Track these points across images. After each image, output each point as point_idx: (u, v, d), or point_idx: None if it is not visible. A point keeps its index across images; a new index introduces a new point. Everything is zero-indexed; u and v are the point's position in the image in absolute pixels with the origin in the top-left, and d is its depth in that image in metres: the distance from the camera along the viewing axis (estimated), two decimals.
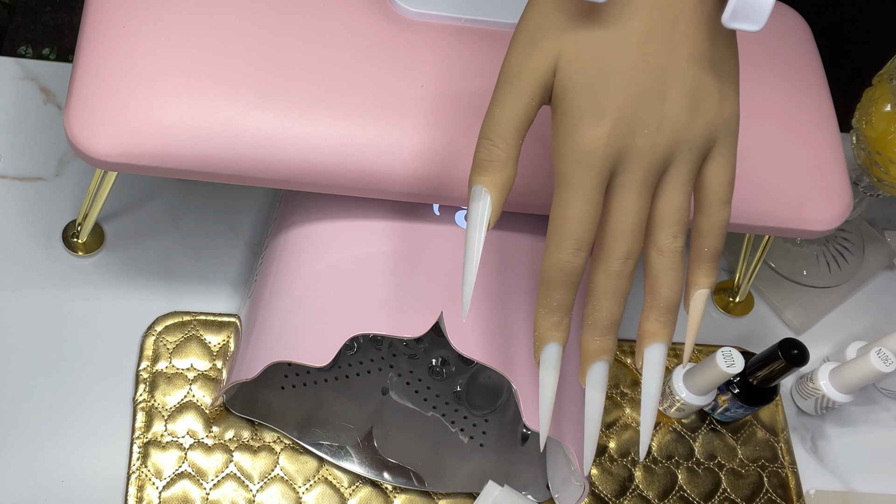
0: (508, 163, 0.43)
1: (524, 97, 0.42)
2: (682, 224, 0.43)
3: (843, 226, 0.76)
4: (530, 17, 0.44)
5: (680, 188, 0.43)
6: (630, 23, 0.42)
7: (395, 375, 0.65)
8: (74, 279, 0.65)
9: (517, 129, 0.43)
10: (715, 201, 0.44)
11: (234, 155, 0.52)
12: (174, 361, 0.63)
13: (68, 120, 0.51)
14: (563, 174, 0.42)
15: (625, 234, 0.42)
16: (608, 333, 0.44)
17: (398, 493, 0.62)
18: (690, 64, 0.42)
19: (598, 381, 0.45)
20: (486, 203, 0.42)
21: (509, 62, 0.43)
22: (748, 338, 0.74)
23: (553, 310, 0.43)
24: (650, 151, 0.42)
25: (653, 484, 0.66)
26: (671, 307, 0.44)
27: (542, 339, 0.44)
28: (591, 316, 0.44)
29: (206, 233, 0.69)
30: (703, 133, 0.43)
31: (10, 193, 0.67)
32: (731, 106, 0.43)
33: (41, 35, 1.58)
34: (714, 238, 0.44)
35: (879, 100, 0.66)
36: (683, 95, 0.42)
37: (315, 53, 0.54)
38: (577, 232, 0.41)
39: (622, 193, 0.42)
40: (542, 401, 0.45)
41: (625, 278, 0.43)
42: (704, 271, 0.45)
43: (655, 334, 0.44)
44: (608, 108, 0.41)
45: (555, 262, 0.42)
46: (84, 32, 0.53)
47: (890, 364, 0.65)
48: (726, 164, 0.44)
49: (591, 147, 0.41)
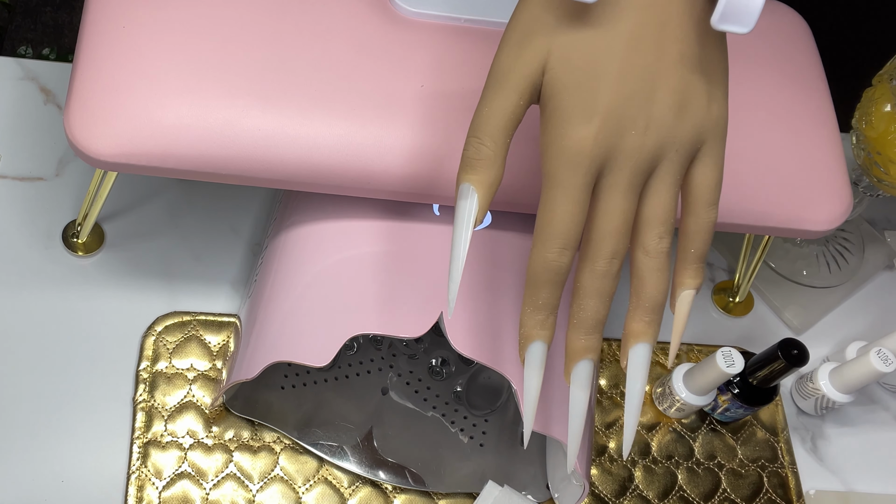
0: (496, 161, 0.43)
1: (513, 96, 0.43)
2: (668, 225, 0.44)
3: (842, 226, 0.76)
4: (520, 17, 0.44)
5: (667, 189, 0.43)
6: (619, 24, 0.42)
7: (395, 375, 0.65)
8: (74, 279, 0.65)
9: (505, 128, 0.43)
10: (702, 203, 0.44)
11: (234, 155, 0.52)
12: (174, 361, 0.63)
13: (68, 120, 0.51)
14: (551, 173, 0.42)
15: (611, 234, 0.42)
16: (593, 332, 0.44)
17: (398, 494, 0.62)
18: (679, 66, 0.42)
19: (583, 380, 0.45)
20: (474, 201, 0.43)
21: (499, 61, 0.44)
22: (748, 338, 0.74)
23: (539, 308, 0.43)
24: (637, 152, 0.42)
25: (653, 484, 0.66)
26: (657, 307, 0.44)
27: (527, 338, 0.44)
28: (576, 315, 0.44)
29: (206, 233, 0.69)
30: (691, 134, 0.43)
31: (10, 193, 0.67)
32: (719, 108, 0.44)
33: (41, 35, 1.58)
34: (701, 239, 0.45)
35: (879, 100, 0.66)
36: (671, 97, 0.42)
37: (315, 53, 0.54)
38: (563, 231, 0.42)
39: (609, 193, 0.42)
40: (527, 398, 0.45)
41: (610, 278, 0.43)
42: (691, 272, 0.45)
43: (641, 334, 0.45)
44: (596, 109, 0.41)
45: (541, 260, 0.42)
46: (84, 32, 0.53)
47: (890, 364, 0.65)
48: (714, 166, 0.44)
49: (578, 147, 0.41)
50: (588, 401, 0.46)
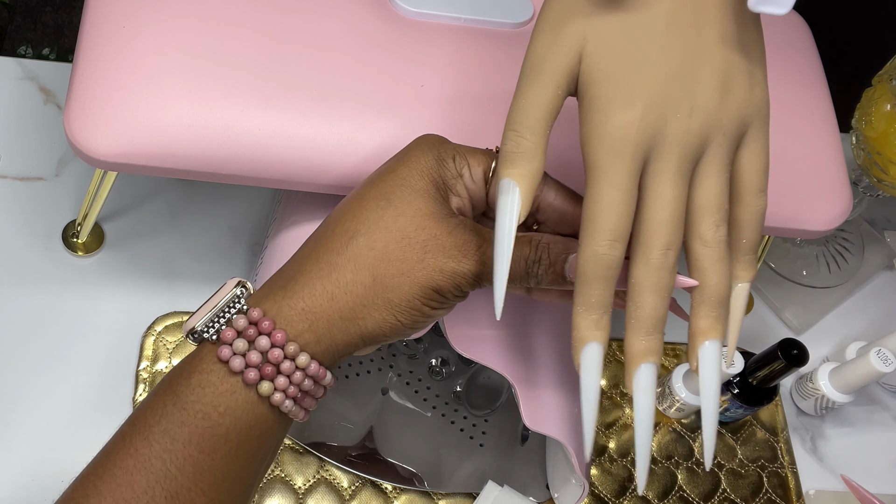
0: (537, 154, 0.41)
1: (550, 86, 0.41)
2: (723, 212, 0.41)
3: (842, 226, 0.76)
4: (553, 4, 0.42)
5: (717, 174, 0.41)
6: (655, 6, 0.41)
7: (395, 375, 0.65)
8: (74, 279, 0.65)
9: (544, 120, 0.41)
10: (751, 189, 0.42)
11: (234, 155, 0.52)
12: (174, 361, 0.63)
13: (68, 120, 0.51)
14: (595, 163, 0.40)
15: (663, 224, 0.40)
16: (654, 332, 0.41)
17: (398, 494, 0.62)
18: (720, 46, 0.41)
19: (647, 386, 0.41)
20: (516, 195, 0.41)
21: (533, 51, 0.42)
22: (748, 338, 0.74)
23: (591, 307, 0.40)
24: (684, 136, 0.40)
25: (653, 484, 0.66)
26: (722, 300, 0.42)
27: (581, 339, 0.41)
28: (633, 314, 0.41)
29: (206, 233, 0.69)
30: (736, 117, 0.41)
31: (10, 193, 0.67)
32: (761, 90, 0.42)
33: (41, 35, 1.58)
34: (752, 228, 0.43)
35: (879, 100, 0.66)
36: (715, 78, 0.40)
37: (315, 53, 0.54)
38: (612, 223, 0.39)
39: (657, 181, 0.40)
40: (586, 405, 0.41)
41: (667, 271, 0.40)
42: (744, 264, 0.43)
43: (710, 330, 0.42)
44: (638, 93, 0.40)
45: (591, 255, 0.40)
46: (84, 32, 0.53)
47: (890, 364, 0.65)
48: (761, 151, 0.42)
49: (622, 133, 0.40)
50: (654, 408, 0.42)
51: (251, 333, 0.41)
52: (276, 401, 0.41)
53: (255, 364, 0.41)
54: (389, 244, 0.42)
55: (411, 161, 0.44)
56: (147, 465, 0.40)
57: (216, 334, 0.42)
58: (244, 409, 0.41)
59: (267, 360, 0.41)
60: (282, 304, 0.42)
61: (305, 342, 0.42)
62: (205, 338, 0.42)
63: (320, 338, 0.42)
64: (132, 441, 0.41)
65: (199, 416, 0.41)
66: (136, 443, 0.41)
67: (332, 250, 0.43)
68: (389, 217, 0.43)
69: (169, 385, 0.42)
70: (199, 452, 0.40)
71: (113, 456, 0.41)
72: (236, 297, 0.43)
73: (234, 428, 0.41)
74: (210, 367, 0.41)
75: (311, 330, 0.42)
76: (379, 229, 0.43)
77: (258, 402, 0.41)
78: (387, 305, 0.42)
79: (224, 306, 0.42)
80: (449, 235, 0.43)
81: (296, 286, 0.43)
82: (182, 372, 0.42)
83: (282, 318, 0.42)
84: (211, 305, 0.42)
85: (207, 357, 0.42)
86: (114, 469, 0.41)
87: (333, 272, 0.42)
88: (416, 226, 0.43)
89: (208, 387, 0.41)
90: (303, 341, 0.42)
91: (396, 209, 0.43)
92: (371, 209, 0.43)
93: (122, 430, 0.42)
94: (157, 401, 0.42)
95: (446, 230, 0.43)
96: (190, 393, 0.41)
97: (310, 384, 0.42)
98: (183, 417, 0.41)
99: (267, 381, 0.41)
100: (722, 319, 0.42)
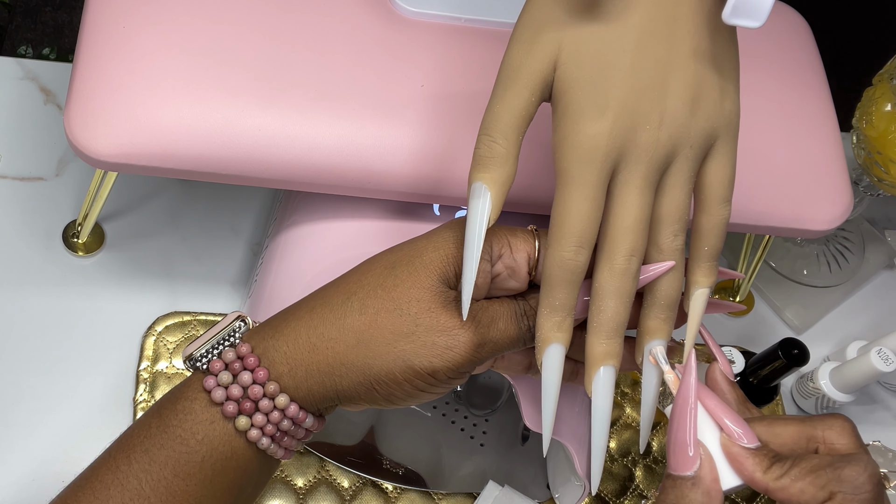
0: (508, 159, 0.42)
1: (524, 93, 0.42)
2: (682, 223, 0.43)
3: (843, 225, 0.76)
4: (530, 12, 0.43)
5: (681, 186, 0.42)
6: (630, 18, 0.42)
7: None
8: (74, 279, 0.65)
9: (517, 126, 0.42)
10: (716, 200, 0.44)
11: (234, 155, 0.52)
12: (174, 361, 0.63)
13: (68, 120, 0.51)
14: (565, 170, 0.41)
15: (628, 231, 0.41)
16: (614, 336, 0.42)
17: (399, 494, 0.62)
18: (691, 60, 0.42)
19: (605, 388, 0.42)
20: (487, 200, 0.42)
21: (509, 57, 0.43)
22: (748, 337, 0.74)
23: (555, 309, 0.42)
24: (653, 147, 0.41)
25: (653, 484, 0.66)
26: (671, 304, 0.43)
27: (545, 340, 0.42)
28: (595, 317, 0.42)
29: (206, 233, 0.69)
30: (705, 129, 0.42)
31: (10, 193, 0.67)
32: (731, 103, 0.43)
33: (41, 35, 1.58)
34: (714, 237, 0.44)
35: (879, 99, 0.66)
36: (685, 91, 0.42)
37: (315, 53, 0.54)
38: (579, 229, 0.41)
39: (625, 190, 0.41)
40: (545, 403, 0.43)
41: (630, 277, 0.42)
42: (704, 270, 0.44)
43: (656, 331, 0.44)
44: (609, 103, 0.41)
45: (557, 260, 0.41)
46: (84, 32, 0.53)
47: (890, 364, 0.65)
48: (727, 163, 0.43)
49: (592, 142, 0.41)
50: (611, 410, 0.44)
51: (236, 367, 0.42)
52: (253, 437, 0.42)
53: (236, 398, 0.42)
54: (381, 311, 0.43)
55: (433, 236, 0.45)
56: (124, 483, 0.41)
57: (206, 364, 0.43)
58: (221, 440, 0.42)
59: (247, 396, 0.42)
60: (269, 343, 0.43)
61: (286, 385, 0.43)
62: (197, 366, 0.43)
63: (299, 385, 0.43)
64: (115, 457, 0.42)
65: (177, 441, 0.42)
66: (118, 459, 0.42)
67: (327, 304, 0.44)
68: (389, 285, 0.43)
69: (158, 408, 0.43)
70: (174, 476, 0.41)
71: (97, 470, 0.42)
72: (233, 331, 0.44)
73: (209, 457, 0.42)
74: (195, 395, 0.42)
75: (290, 375, 0.43)
76: (374, 295, 0.43)
77: (235, 435, 0.42)
78: (365, 370, 0.43)
79: (221, 338, 0.43)
80: (444, 311, 0.43)
81: (286, 329, 0.43)
82: (171, 397, 0.43)
83: (267, 357, 0.43)
84: (211, 334, 0.44)
85: (195, 385, 0.43)
86: (94, 483, 0.42)
87: (321, 325, 0.43)
88: (412, 298, 0.43)
89: (190, 413, 0.42)
90: (283, 384, 0.43)
91: (397, 278, 0.43)
92: (374, 274, 0.44)
93: (110, 446, 0.43)
94: (145, 421, 0.43)
95: (441, 304, 0.43)
96: (173, 417, 0.42)
97: (289, 425, 0.43)
98: (163, 440, 0.42)
99: (245, 416, 0.42)
100: (669, 322, 0.44)
